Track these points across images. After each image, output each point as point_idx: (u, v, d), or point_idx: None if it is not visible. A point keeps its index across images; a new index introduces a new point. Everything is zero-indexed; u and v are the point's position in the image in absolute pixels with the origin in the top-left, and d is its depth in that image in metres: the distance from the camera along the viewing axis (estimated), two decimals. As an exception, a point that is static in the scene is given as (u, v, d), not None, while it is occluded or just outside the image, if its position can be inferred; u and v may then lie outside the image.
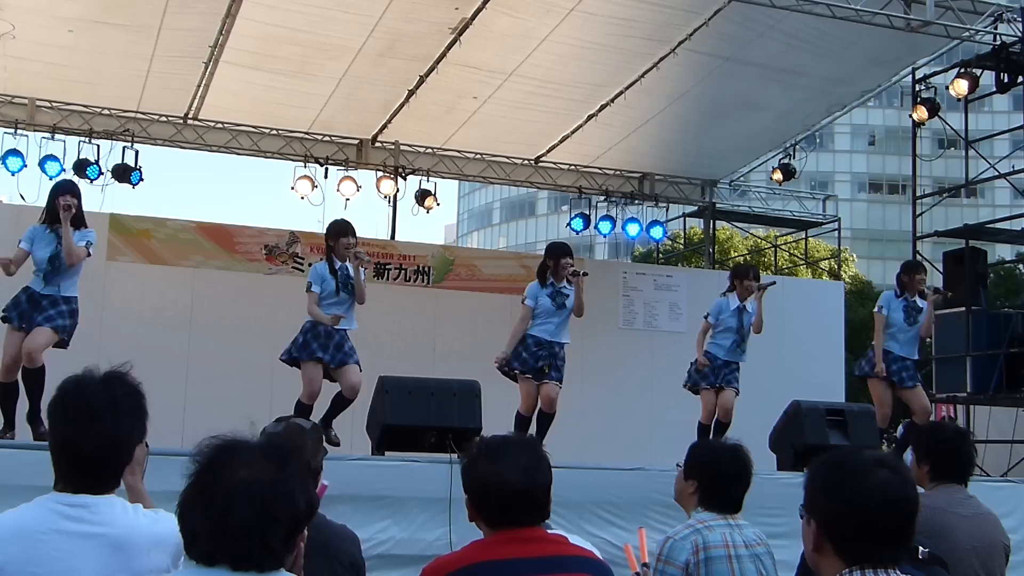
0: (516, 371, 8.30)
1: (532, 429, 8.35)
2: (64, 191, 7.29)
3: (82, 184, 12.58)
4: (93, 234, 7.36)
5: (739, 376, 9.07)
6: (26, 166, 12.35)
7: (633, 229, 15.24)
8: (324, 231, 8.31)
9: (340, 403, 7.86)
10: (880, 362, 8.87)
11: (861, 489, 2.25)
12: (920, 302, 8.96)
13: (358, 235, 8.11)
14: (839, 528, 2.25)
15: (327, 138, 13.79)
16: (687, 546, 3.60)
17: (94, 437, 2.48)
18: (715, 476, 3.76)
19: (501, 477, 2.74)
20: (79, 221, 7.24)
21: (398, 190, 14.11)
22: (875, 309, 9.22)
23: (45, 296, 7.19)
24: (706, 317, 9.11)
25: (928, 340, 9.85)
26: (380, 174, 14.06)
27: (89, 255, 7.30)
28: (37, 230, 7.32)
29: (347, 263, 7.95)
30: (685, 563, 3.58)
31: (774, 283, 9.36)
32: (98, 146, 12.71)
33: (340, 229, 8.02)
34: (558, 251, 8.55)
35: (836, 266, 19.82)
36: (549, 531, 2.85)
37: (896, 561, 2.25)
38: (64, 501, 2.47)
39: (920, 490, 4.11)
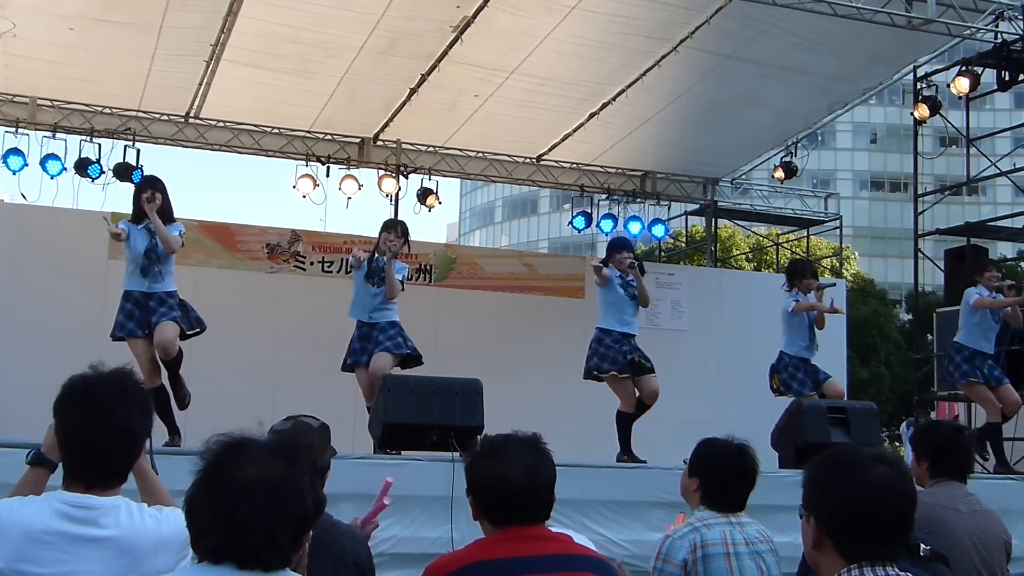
0: (611, 374, 8.38)
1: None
2: (145, 187, 7.45)
3: (83, 183, 12.65)
4: (181, 227, 7.60)
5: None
6: (27, 165, 12.34)
7: (635, 227, 15.23)
8: (325, 229, 8.38)
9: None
10: None
11: (859, 485, 2.25)
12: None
13: (361, 233, 8.20)
14: (838, 524, 2.25)
15: (329, 136, 13.79)
16: (686, 544, 3.62)
17: (106, 429, 2.49)
18: (718, 474, 3.76)
19: (504, 475, 2.75)
20: (165, 214, 7.38)
21: (400, 188, 14.11)
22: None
23: (150, 296, 7.37)
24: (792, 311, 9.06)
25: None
26: (382, 172, 14.05)
27: (183, 245, 7.55)
28: (128, 225, 7.40)
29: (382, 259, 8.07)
30: (683, 561, 3.59)
31: (834, 284, 9.36)
32: (99, 145, 12.70)
33: (383, 224, 8.22)
34: (613, 246, 8.80)
35: (838, 264, 19.83)
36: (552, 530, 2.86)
37: (895, 557, 2.26)
38: (72, 502, 2.47)
39: (920, 488, 4.15)
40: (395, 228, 8.13)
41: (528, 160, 14.80)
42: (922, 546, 3.12)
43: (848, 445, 2.39)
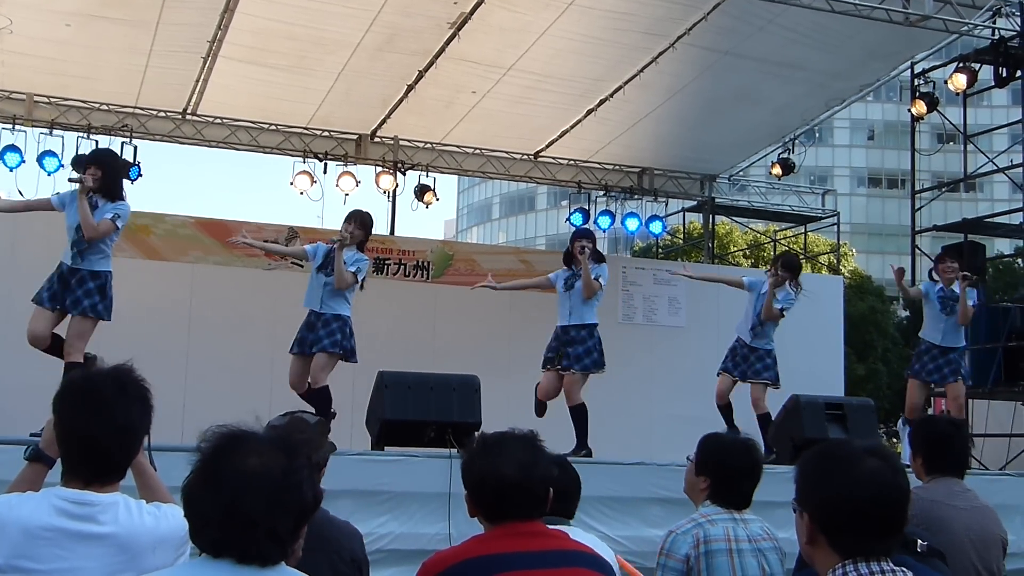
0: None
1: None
2: (86, 162, 7.38)
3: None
4: (123, 208, 7.27)
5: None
6: (24, 162, 12.33)
7: (632, 224, 15.25)
8: (323, 226, 8.41)
9: None
10: None
11: (851, 479, 2.24)
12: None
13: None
14: (830, 519, 2.25)
15: (326, 133, 13.78)
16: (688, 540, 3.62)
17: (106, 425, 2.48)
18: (727, 472, 3.75)
19: (498, 471, 2.76)
20: (109, 191, 7.17)
21: (397, 185, 14.11)
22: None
23: (75, 272, 7.23)
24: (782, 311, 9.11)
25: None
26: (379, 169, 14.06)
27: (117, 229, 7.28)
28: (70, 196, 7.28)
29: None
30: (686, 556, 3.60)
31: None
32: (96, 141, 12.66)
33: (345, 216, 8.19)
34: (573, 236, 8.95)
35: (835, 261, 19.83)
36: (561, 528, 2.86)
37: (889, 551, 2.25)
38: (70, 498, 2.46)
39: (918, 483, 4.15)
40: (353, 219, 8.03)
41: (525, 157, 14.80)
42: (919, 541, 3.11)
43: (839, 440, 2.38)
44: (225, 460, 2.02)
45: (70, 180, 7.27)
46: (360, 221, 8.05)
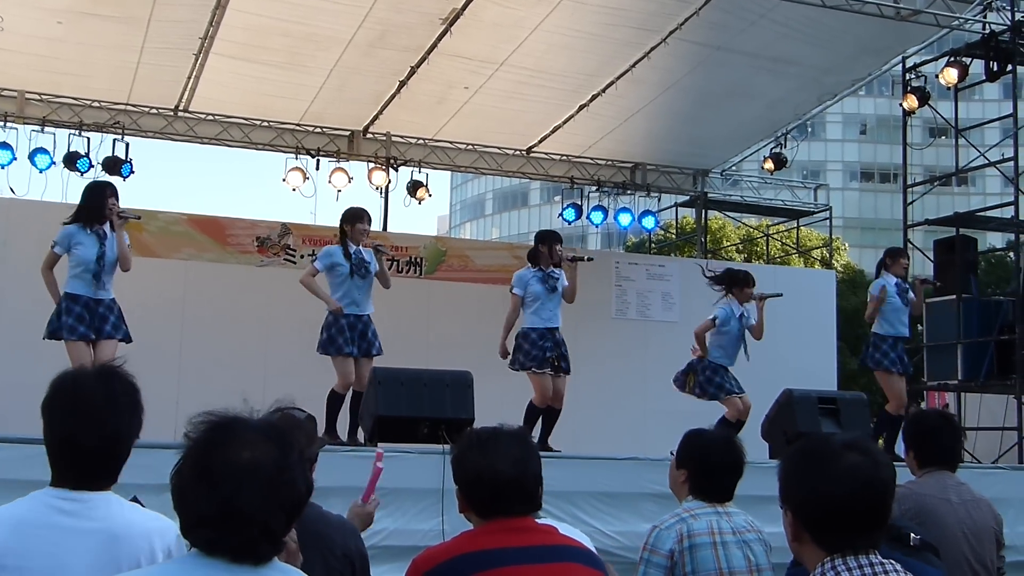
0: (531, 370, 8.37)
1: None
2: (114, 193, 7.54)
3: (72, 177, 12.59)
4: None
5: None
6: (16, 159, 12.30)
7: (625, 219, 15.25)
8: (315, 223, 8.39)
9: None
10: None
11: (830, 476, 2.25)
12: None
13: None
14: (813, 516, 2.25)
15: (318, 130, 13.76)
16: (672, 535, 3.64)
17: (93, 433, 2.45)
18: (706, 466, 3.79)
19: (492, 468, 2.76)
20: None
21: (390, 181, 14.09)
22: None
23: (99, 303, 7.39)
24: (714, 319, 9.03)
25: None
26: (372, 165, 14.03)
27: None
28: (75, 229, 7.43)
29: (361, 248, 8.09)
30: (670, 551, 3.62)
31: (780, 295, 9.37)
32: (88, 139, 12.65)
33: (355, 215, 8.20)
34: (551, 237, 8.72)
35: (828, 255, 19.87)
36: (539, 521, 2.86)
37: (875, 544, 2.25)
38: (60, 496, 2.45)
39: (912, 478, 4.16)
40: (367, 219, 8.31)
41: (518, 152, 14.80)
42: (912, 535, 3.12)
43: (819, 436, 2.38)
44: (217, 453, 1.98)
45: (121, 216, 7.43)
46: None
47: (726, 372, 9.04)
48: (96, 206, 7.39)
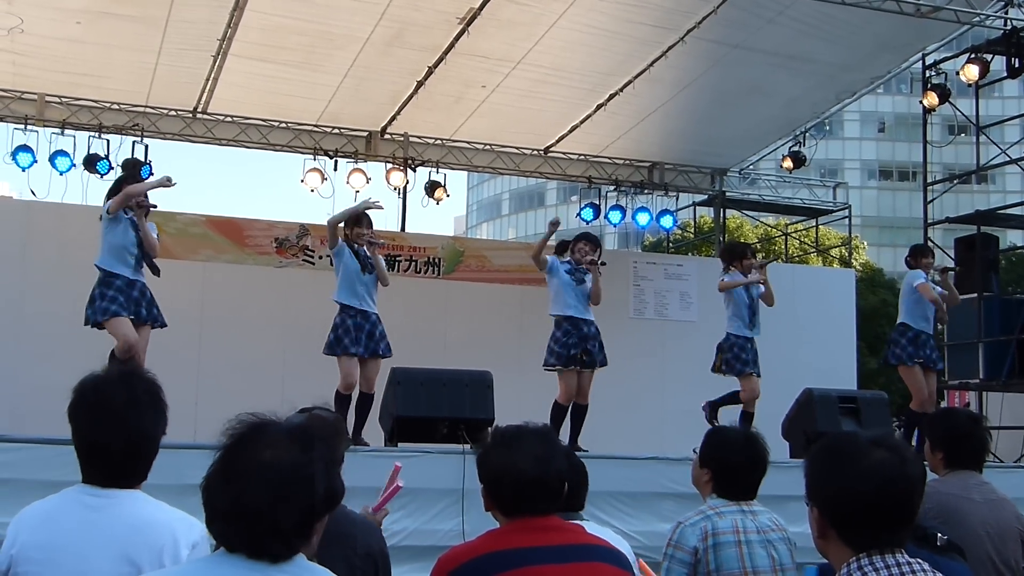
0: (554, 368, 8.39)
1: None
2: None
3: (92, 180, 12.64)
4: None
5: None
6: (36, 162, 12.36)
7: (643, 218, 15.23)
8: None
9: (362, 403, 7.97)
10: None
11: (856, 473, 2.23)
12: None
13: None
14: (839, 513, 2.24)
15: (336, 130, 13.78)
16: (696, 532, 3.64)
17: (118, 435, 2.51)
18: (729, 464, 3.77)
19: (516, 466, 2.76)
20: None
21: (407, 182, 14.10)
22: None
23: (133, 284, 7.62)
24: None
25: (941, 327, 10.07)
26: (389, 166, 14.05)
27: None
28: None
29: (363, 248, 8.19)
30: (694, 548, 3.62)
31: (776, 260, 9.50)
32: (108, 141, 12.70)
33: (354, 219, 8.28)
34: (580, 236, 8.89)
35: (847, 254, 19.76)
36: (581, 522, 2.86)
37: (901, 542, 2.24)
38: (88, 492, 2.52)
39: (933, 476, 4.12)
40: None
41: (535, 152, 14.78)
42: (939, 536, 3.09)
43: (846, 432, 2.36)
44: (242, 451, 2.02)
45: (141, 206, 7.63)
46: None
47: (750, 348, 9.08)
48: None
